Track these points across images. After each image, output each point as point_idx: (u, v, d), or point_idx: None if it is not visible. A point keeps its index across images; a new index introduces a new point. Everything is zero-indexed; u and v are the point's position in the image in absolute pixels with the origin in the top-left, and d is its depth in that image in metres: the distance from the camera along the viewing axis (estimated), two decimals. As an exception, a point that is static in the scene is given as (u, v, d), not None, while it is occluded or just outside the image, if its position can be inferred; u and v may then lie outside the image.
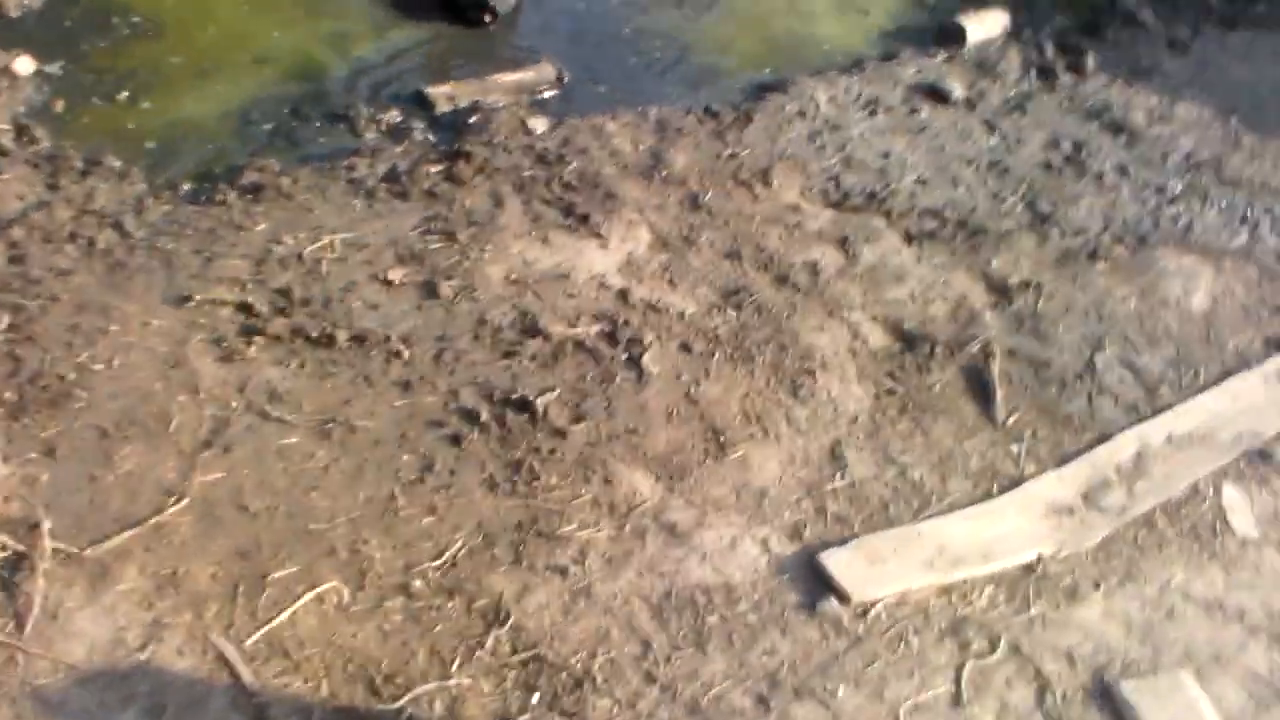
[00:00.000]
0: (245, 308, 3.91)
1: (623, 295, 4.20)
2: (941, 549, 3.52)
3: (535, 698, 3.01)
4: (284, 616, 3.09)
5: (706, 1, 6.32)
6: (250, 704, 2.89)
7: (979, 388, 4.14)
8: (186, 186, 4.42)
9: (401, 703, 2.94)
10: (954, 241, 4.77)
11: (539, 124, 5.00)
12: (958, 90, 5.69)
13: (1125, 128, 5.52)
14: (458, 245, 4.31)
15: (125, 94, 4.93)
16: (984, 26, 6.23)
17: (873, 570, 3.43)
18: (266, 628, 3.06)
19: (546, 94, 5.31)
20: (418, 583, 3.23)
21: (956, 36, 6.17)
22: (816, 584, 3.39)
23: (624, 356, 3.97)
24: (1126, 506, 3.75)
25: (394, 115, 4.95)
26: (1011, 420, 4.03)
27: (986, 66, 6.00)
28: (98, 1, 5.52)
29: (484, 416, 3.69)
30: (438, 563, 3.27)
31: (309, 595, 3.15)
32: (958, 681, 3.19)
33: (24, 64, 4.96)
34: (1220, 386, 4.16)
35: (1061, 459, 3.91)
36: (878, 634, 3.29)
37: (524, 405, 3.73)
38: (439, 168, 4.69)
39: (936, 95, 5.68)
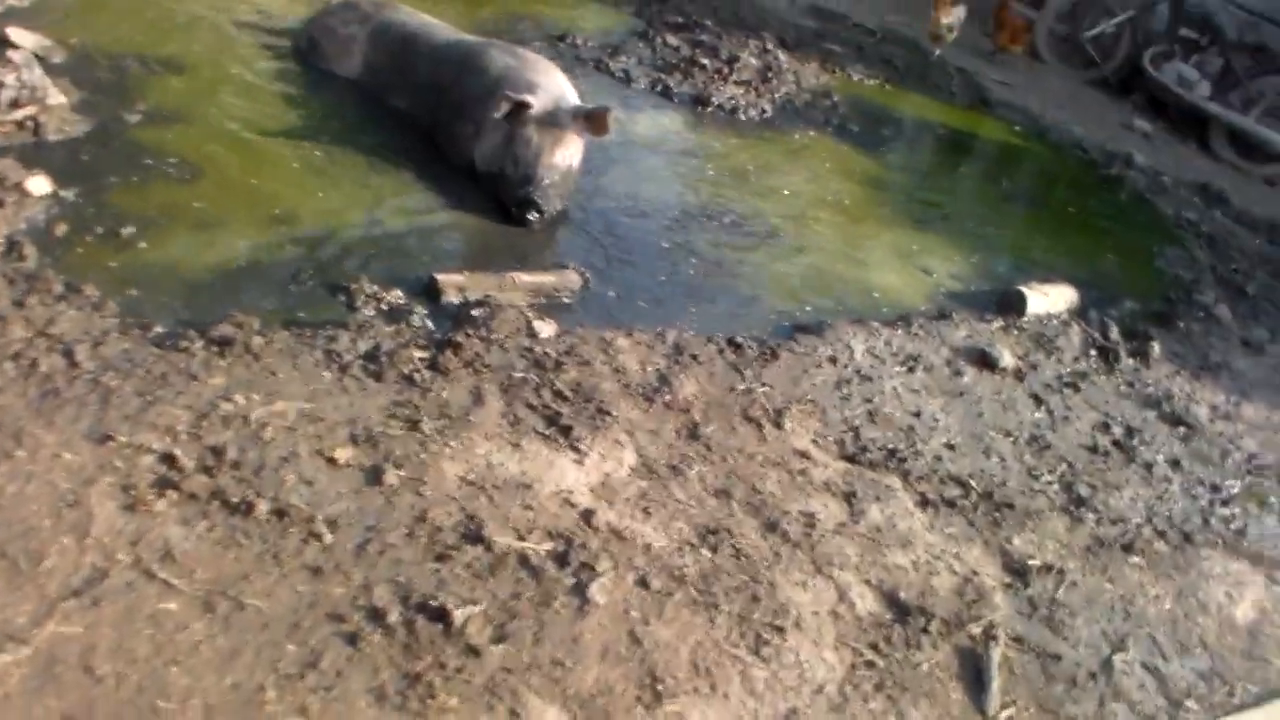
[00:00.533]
0: (169, 458, 3.56)
1: (586, 516, 3.79)
2: None
3: None
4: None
5: (763, 233, 6.07)
6: None
7: (973, 674, 3.62)
8: (157, 329, 4.13)
9: None
10: (974, 513, 4.31)
11: (545, 328, 4.68)
12: (1007, 358, 5.31)
13: (1185, 420, 5.08)
14: (419, 436, 3.94)
15: (129, 230, 4.73)
16: (1048, 300, 5.90)
17: None
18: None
19: (565, 300, 4.99)
20: (254, 798, 2.73)
21: (1017, 305, 5.85)
22: None
23: (570, 581, 3.52)
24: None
25: (396, 295, 4.67)
26: (1004, 715, 3.49)
27: (1044, 340, 5.64)
28: (138, 141, 5.39)
29: (391, 619, 3.24)
30: (288, 778, 2.78)
31: (119, 790, 2.67)
32: None
33: (39, 184, 4.80)
34: (1259, 709, 3.57)
35: (1058, 771, 3.33)
36: None
37: (441, 615, 3.29)
38: (424, 354, 4.37)
39: (984, 361, 5.31)
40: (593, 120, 5.70)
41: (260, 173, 5.49)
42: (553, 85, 5.87)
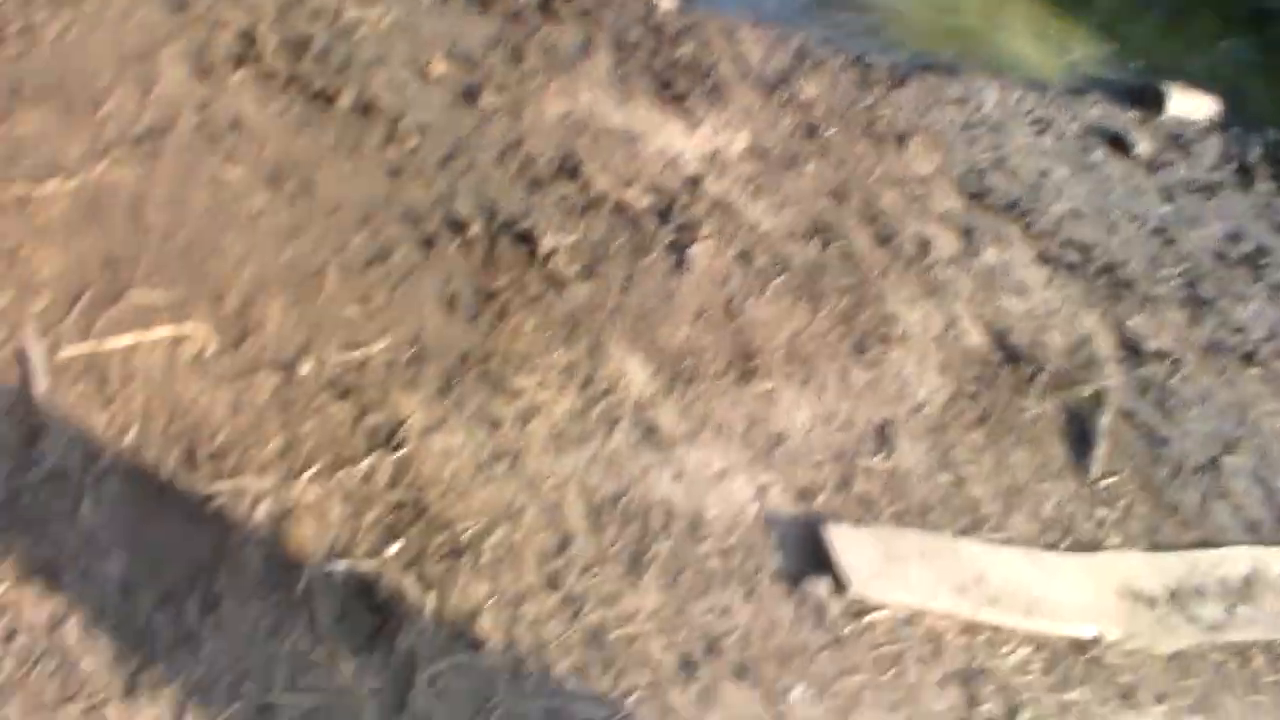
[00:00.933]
0: (248, 36, 3.17)
1: (693, 182, 3.40)
2: (980, 578, 2.64)
3: (394, 548, 2.16)
4: (122, 342, 2.27)
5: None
6: (25, 418, 2.07)
7: (1078, 434, 3.27)
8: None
9: (217, 488, 2.09)
10: (1094, 282, 3.92)
11: (666, 2, 4.20)
12: (1143, 147, 4.84)
13: (1319, 255, 4.64)
14: (521, 68, 3.54)
15: None
16: (1188, 103, 5.39)
17: (888, 567, 2.55)
18: (94, 345, 2.24)
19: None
20: (307, 367, 2.40)
21: (1155, 101, 5.34)
22: (810, 558, 2.51)
23: (669, 238, 3.15)
24: (1221, 626, 2.85)
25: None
26: (1106, 482, 3.15)
27: (1180, 141, 5.16)
28: None
29: (472, 231, 2.89)
30: (343, 355, 2.44)
31: (163, 330, 2.34)
32: (952, 739, 2.28)
33: None
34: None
35: (1154, 545, 3.00)
36: (868, 645, 2.41)
37: (526, 237, 2.93)
38: (533, -6, 3.91)
39: (1117, 143, 4.85)
40: None
41: None
42: None
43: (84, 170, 2.62)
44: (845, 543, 2.55)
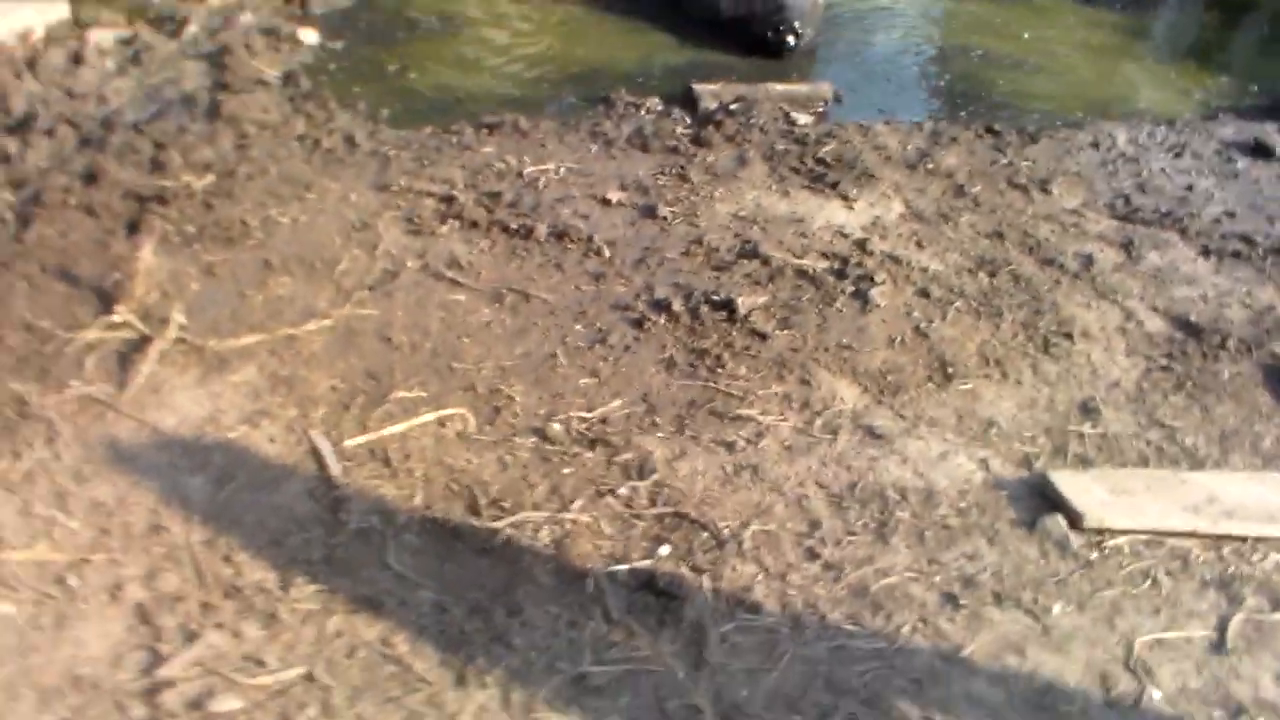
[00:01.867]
0: (447, 199, 3.69)
1: (860, 244, 3.76)
2: (1211, 498, 2.81)
3: (664, 549, 2.48)
4: (396, 429, 2.71)
5: (1013, 63, 5.98)
6: (328, 495, 2.49)
7: (1279, 384, 3.42)
8: (428, 129, 4.30)
9: (502, 523, 2.47)
10: (1263, 262, 4.11)
11: (803, 117, 4.68)
12: (1284, 147, 5.03)
13: None
14: (689, 185, 3.99)
15: (394, 67, 4.95)
16: (1324, 109, 5.57)
17: (1116, 500, 2.76)
18: (373, 435, 2.68)
19: (819, 108, 4.98)
20: (557, 427, 2.79)
21: (1288, 110, 5.53)
22: (1041, 506, 2.75)
23: (850, 288, 3.49)
24: None
25: (654, 102, 4.74)
26: (1320, 420, 3.29)
27: (1323, 142, 5.32)
28: (397, 9, 5.65)
29: (676, 307, 3.27)
30: (587, 415, 2.83)
31: (430, 415, 2.76)
32: (1221, 630, 2.45)
33: (309, 35, 5.10)
34: None
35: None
36: (1115, 565, 2.60)
37: (725, 305, 3.30)
38: (687, 131, 4.42)
39: (1258, 149, 5.07)
40: None
41: (517, 31, 5.68)
42: None
43: (335, 312, 3.12)
44: (1071, 485, 2.77)
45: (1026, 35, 6.64)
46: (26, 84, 4.25)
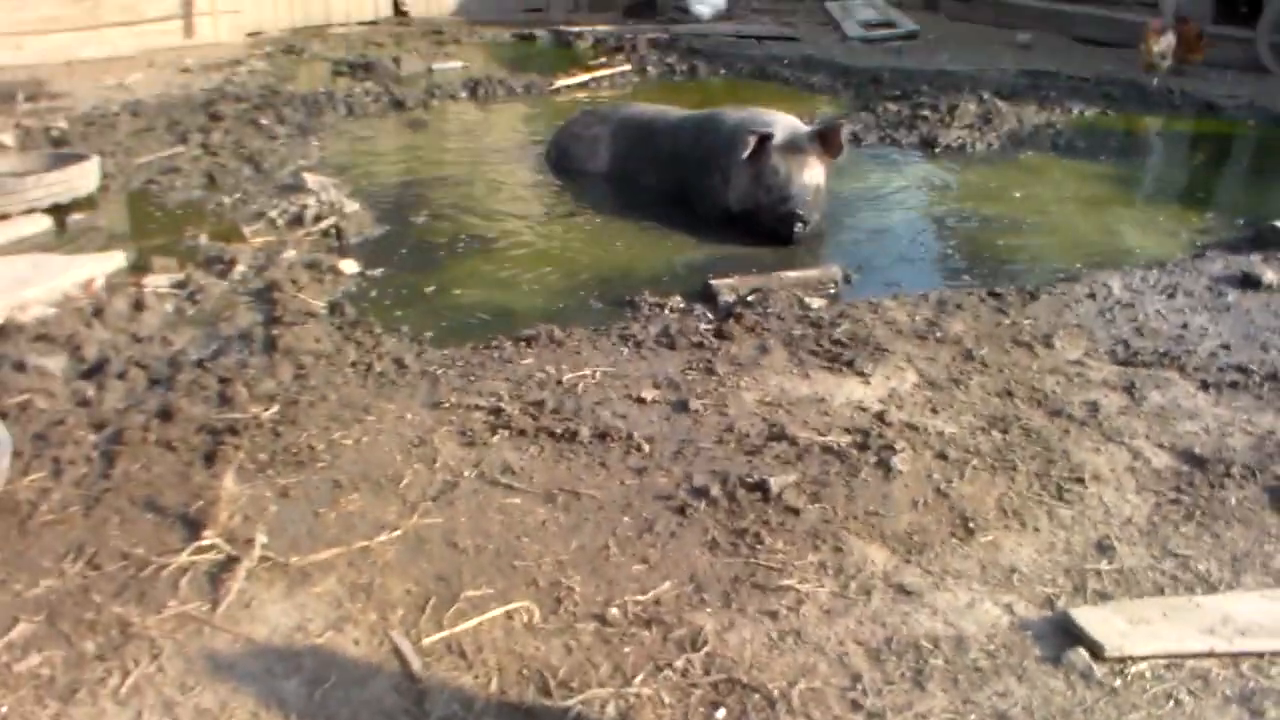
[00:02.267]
0: (495, 411, 4.05)
1: (879, 416, 4.07)
2: (1225, 619, 3.07)
3: (721, 713, 2.76)
4: (468, 625, 3.02)
5: (1010, 224, 6.42)
6: (413, 689, 2.79)
7: (1286, 505, 3.69)
8: (470, 346, 4.70)
9: (572, 702, 2.77)
10: (1261, 389, 4.40)
11: (816, 302, 5.06)
12: (1271, 276, 5.38)
13: None
14: (716, 378, 4.34)
15: (432, 289, 5.39)
16: (1306, 232, 5.92)
17: (1134, 629, 3.01)
18: (448, 632, 3.00)
19: (830, 290, 5.38)
20: (614, 611, 3.09)
21: (1275, 241, 5.90)
22: (1064, 640, 3.01)
23: (873, 459, 3.80)
24: None
25: (676, 300, 5.14)
26: (1326, 532, 3.55)
27: (1313, 264, 5.66)
28: (427, 235, 6.16)
29: (714, 493, 3.59)
30: (640, 598, 3.13)
31: (498, 610, 3.07)
32: (1248, 744, 2.69)
33: (349, 265, 5.55)
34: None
35: (1388, 568, 3.36)
36: (1139, 689, 2.84)
37: (759, 487, 3.61)
38: (709, 327, 4.81)
39: (1247, 281, 5.40)
40: (828, 139, 6.15)
41: (543, 246, 6.19)
42: (785, 120, 6.37)
43: (403, 523, 3.45)
44: (1090, 619, 3.03)
45: (1019, 195, 7.06)
46: (96, 332, 4.67)
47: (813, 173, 6.01)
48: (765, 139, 5.97)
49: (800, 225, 5.84)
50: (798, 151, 6.01)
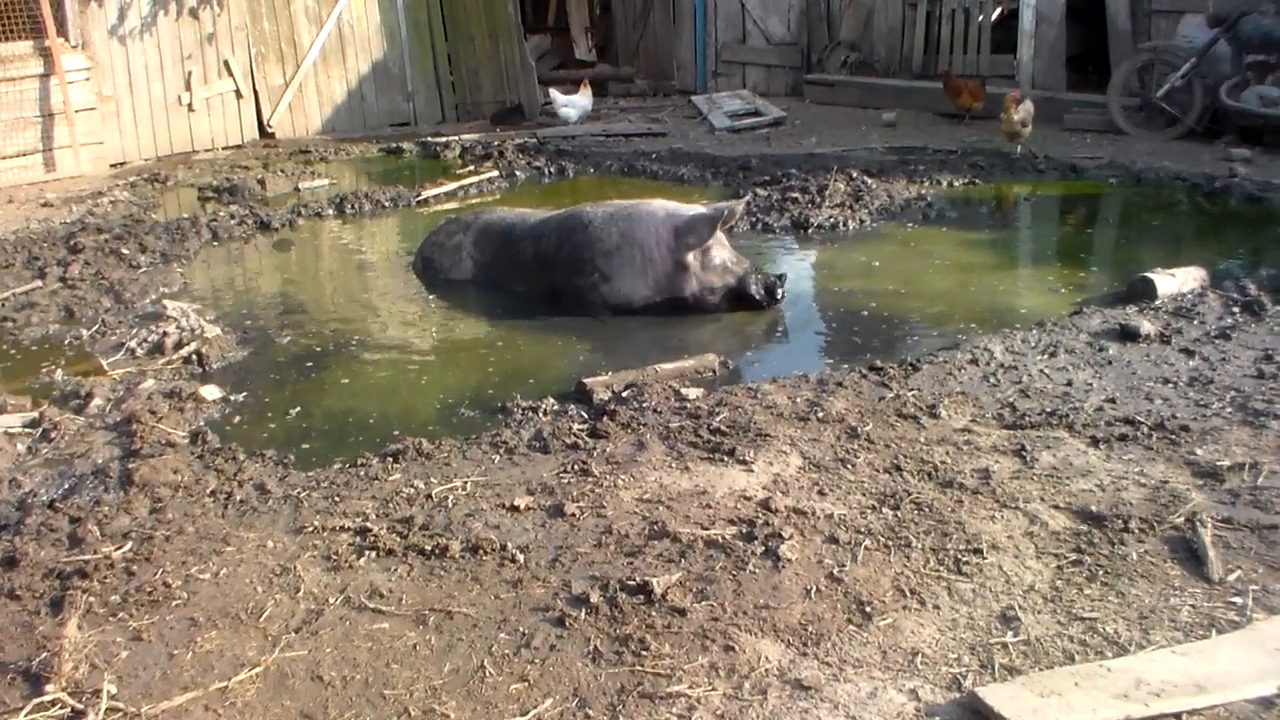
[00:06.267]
0: (362, 531, 3.80)
1: (765, 504, 3.88)
2: (1139, 682, 2.89)
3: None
4: (337, 768, 2.74)
5: (889, 293, 6.35)
6: None
7: (1186, 554, 3.56)
8: (335, 465, 4.45)
9: None
10: (1149, 440, 4.29)
11: (694, 392, 4.88)
12: (1147, 327, 5.34)
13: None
14: (592, 479, 4.12)
15: (296, 409, 5.14)
16: (1176, 280, 5.95)
17: (1046, 703, 2.82)
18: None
19: (706, 378, 5.21)
20: (493, 739, 2.83)
21: (1147, 292, 5.89)
22: (974, 722, 2.80)
23: (760, 549, 3.60)
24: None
25: (550, 403, 4.93)
26: (1232, 576, 3.42)
27: (1182, 311, 5.68)
28: (294, 358, 5.90)
29: (594, 599, 3.35)
30: (520, 719, 2.88)
31: (366, 750, 2.80)
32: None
33: (211, 391, 5.29)
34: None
35: (1300, 609, 3.23)
36: (1055, 768, 2.64)
37: (641, 589, 3.39)
38: (583, 427, 4.60)
39: (1126, 334, 5.35)
40: (728, 217, 6.14)
41: (410, 353, 5.99)
42: (690, 207, 6.31)
43: (264, 659, 3.16)
44: (999, 697, 2.83)
45: (895, 268, 7.01)
46: (-62, 476, 4.35)
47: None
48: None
49: (782, 289, 6.20)
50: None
